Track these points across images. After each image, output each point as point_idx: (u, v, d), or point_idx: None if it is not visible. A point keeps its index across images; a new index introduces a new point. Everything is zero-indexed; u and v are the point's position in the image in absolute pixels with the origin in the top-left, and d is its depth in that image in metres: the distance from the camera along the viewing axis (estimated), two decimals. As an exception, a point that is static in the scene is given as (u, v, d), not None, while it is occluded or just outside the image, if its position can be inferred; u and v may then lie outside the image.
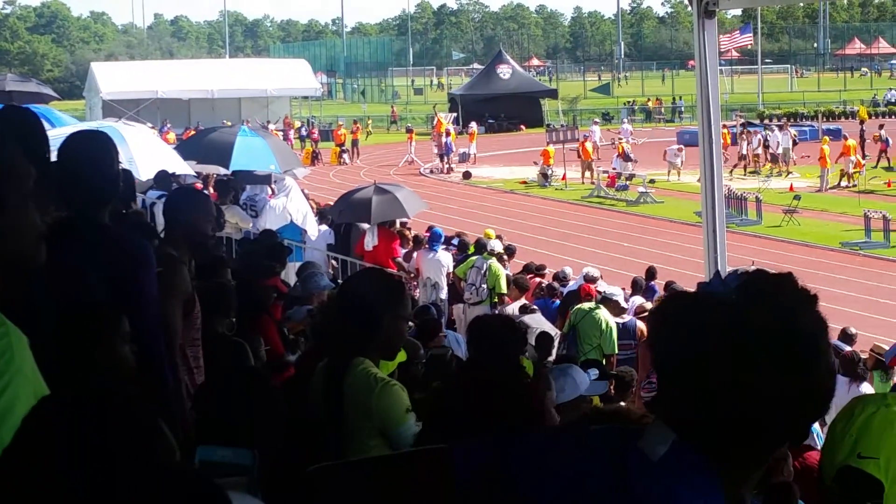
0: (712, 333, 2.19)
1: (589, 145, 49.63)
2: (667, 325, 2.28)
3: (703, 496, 2.18)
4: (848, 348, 15.15)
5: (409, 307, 6.08)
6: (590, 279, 18.52)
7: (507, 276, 19.29)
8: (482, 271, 19.14)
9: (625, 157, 47.49)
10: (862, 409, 3.12)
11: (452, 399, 3.94)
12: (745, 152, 51.21)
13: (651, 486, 2.19)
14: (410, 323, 10.30)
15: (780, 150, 50.34)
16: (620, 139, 52.74)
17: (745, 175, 48.70)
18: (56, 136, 19.97)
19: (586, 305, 16.52)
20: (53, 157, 5.52)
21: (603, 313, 16.12)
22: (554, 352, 14.23)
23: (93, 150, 5.51)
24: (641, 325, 17.12)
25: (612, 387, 13.66)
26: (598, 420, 4.31)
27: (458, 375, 4.29)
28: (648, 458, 2.21)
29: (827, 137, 48.72)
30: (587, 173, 47.95)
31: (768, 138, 51.13)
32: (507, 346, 6.54)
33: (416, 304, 14.90)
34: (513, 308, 17.10)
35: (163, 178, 19.12)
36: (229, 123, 43.96)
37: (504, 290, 18.77)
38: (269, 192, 23.36)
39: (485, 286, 19.03)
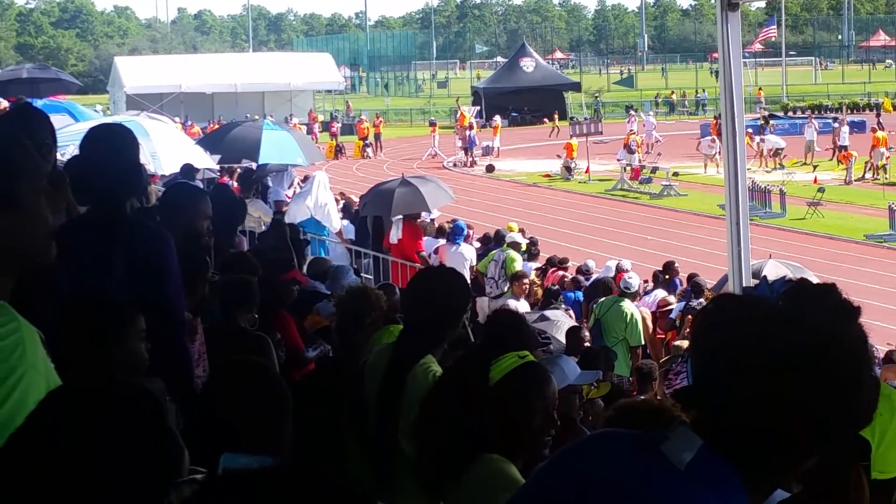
0: (756, 339, 2.17)
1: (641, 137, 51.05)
2: (710, 328, 2.26)
3: None
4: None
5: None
6: (620, 269, 18.55)
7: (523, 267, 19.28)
8: (500, 264, 19.14)
9: (629, 148, 47.31)
10: None
11: (448, 390, 3.97)
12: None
13: (675, 492, 2.17)
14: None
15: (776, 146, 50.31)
16: (631, 130, 52.72)
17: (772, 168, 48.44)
18: (80, 130, 20.16)
19: (610, 298, 16.51)
20: (71, 151, 5.54)
21: (627, 305, 16.09)
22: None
23: (114, 142, 5.50)
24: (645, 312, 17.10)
25: (633, 379, 13.69)
26: (629, 414, 4.33)
27: (455, 368, 4.32)
28: (674, 464, 2.19)
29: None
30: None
31: (763, 140, 50.77)
32: (506, 342, 6.39)
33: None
34: (515, 304, 17.04)
35: (188, 171, 19.14)
36: (256, 117, 43.98)
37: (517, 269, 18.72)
38: (290, 187, 23.41)
39: (504, 279, 18.99)
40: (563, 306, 17.57)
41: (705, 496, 2.15)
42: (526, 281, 18.08)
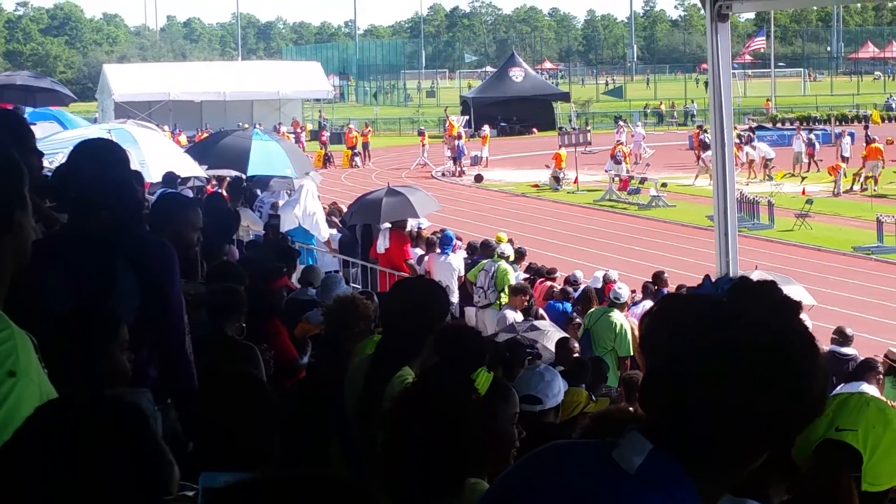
0: (702, 339, 2.16)
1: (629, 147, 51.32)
2: (656, 327, 2.26)
3: None
4: (846, 350, 15.21)
5: None
6: (608, 280, 18.60)
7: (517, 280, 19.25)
8: (490, 274, 19.11)
9: (615, 159, 47.30)
10: (835, 395, 3.24)
11: (404, 409, 3.94)
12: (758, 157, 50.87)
13: (628, 497, 2.16)
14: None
15: (765, 156, 49.96)
16: (619, 141, 52.79)
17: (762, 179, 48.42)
18: (69, 138, 20.24)
19: (600, 308, 16.53)
20: (59, 159, 5.51)
21: (617, 315, 16.10)
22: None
23: (101, 154, 5.48)
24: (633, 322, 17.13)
25: (621, 390, 13.69)
26: (605, 423, 4.32)
27: (412, 386, 4.27)
28: (625, 469, 2.18)
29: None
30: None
31: (754, 148, 50.40)
32: (459, 358, 6.21)
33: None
34: (512, 315, 17.02)
35: (170, 180, 19.11)
36: (246, 126, 43.89)
37: (511, 282, 18.68)
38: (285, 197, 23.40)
39: (493, 289, 18.99)
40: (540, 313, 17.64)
41: (658, 498, 2.15)
42: (526, 296, 18.07)
